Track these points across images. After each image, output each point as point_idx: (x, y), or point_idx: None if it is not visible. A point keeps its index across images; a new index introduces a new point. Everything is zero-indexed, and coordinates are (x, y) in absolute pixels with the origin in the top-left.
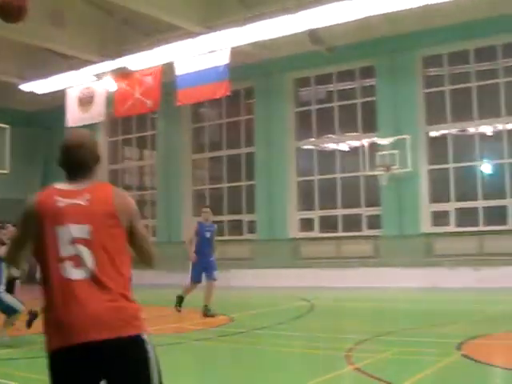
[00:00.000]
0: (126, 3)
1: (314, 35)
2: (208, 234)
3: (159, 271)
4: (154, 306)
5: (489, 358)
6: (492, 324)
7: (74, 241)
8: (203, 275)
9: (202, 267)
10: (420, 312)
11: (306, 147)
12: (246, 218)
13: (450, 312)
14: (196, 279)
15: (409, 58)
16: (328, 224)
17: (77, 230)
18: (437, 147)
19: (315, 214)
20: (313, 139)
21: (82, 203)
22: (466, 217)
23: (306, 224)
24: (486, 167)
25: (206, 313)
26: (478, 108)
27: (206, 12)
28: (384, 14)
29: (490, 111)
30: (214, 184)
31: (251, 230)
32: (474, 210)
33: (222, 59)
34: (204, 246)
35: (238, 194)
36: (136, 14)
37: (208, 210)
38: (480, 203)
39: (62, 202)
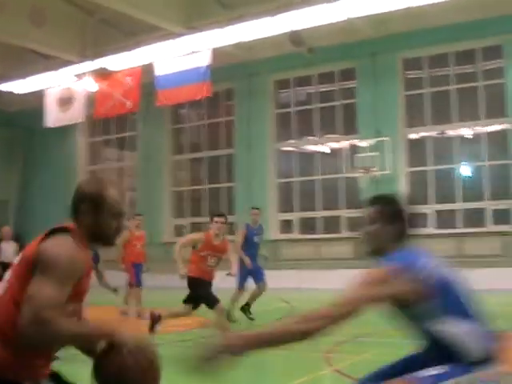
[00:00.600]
0: (107, 3)
1: (295, 37)
2: (256, 239)
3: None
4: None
5: None
6: None
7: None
8: (249, 280)
9: (248, 273)
10: None
11: (286, 149)
12: None
13: None
14: (242, 286)
15: (389, 61)
16: (308, 226)
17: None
18: (416, 149)
19: (295, 216)
20: (293, 141)
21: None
22: (445, 219)
23: (286, 226)
24: (465, 170)
25: (246, 315)
26: (457, 111)
27: (187, 13)
28: (365, 17)
29: (469, 114)
30: (194, 185)
31: (231, 232)
32: (453, 212)
33: (203, 60)
34: (251, 251)
35: (218, 196)
36: (117, 14)
37: (257, 211)
38: (459, 205)
39: None
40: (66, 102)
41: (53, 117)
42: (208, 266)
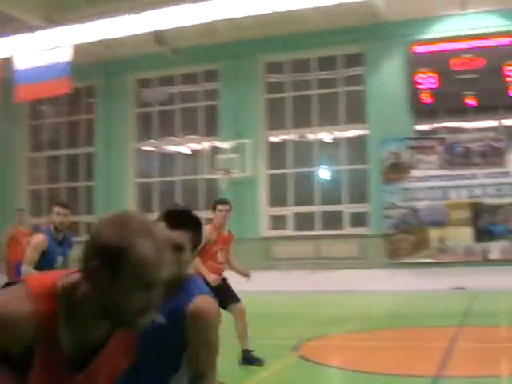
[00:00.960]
0: None
1: (158, 36)
2: None
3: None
4: None
5: (325, 359)
6: (328, 326)
7: None
8: None
9: None
10: (258, 314)
11: (146, 149)
12: (83, 219)
13: (288, 314)
14: None
15: (251, 64)
16: None
17: None
18: (277, 152)
19: (154, 217)
20: (154, 141)
21: None
22: (304, 221)
23: None
24: (324, 173)
25: None
26: (317, 115)
27: (49, 6)
28: (229, 19)
29: (329, 119)
30: (52, 184)
31: (89, 232)
32: (312, 214)
33: (64, 56)
34: None
35: (76, 195)
36: None
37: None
38: (318, 208)
39: None
40: None
41: None
42: (219, 263)
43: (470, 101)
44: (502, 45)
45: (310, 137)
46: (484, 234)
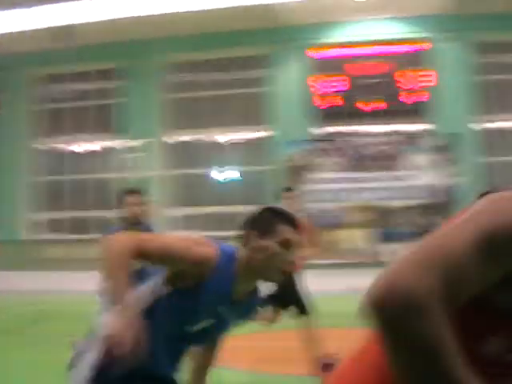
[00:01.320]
0: None
1: (53, 32)
2: None
3: None
4: None
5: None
6: None
7: None
8: None
9: None
10: None
11: (38, 147)
12: None
13: None
14: None
15: (150, 64)
16: (58, 226)
17: None
18: (173, 153)
19: (44, 216)
20: (46, 139)
21: None
22: (194, 222)
23: (35, 226)
24: (220, 175)
25: None
26: (215, 117)
27: None
28: (129, 17)
29: (226, 121)
30: None
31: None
32: (203, 216)
33: None
34: None
35: None
36: None
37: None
38: (212, 209)
39: None
40: None
41: None
42: None
43: (366, 106)
44: (397, 52)
45: (208, 138)
46: (380, 237)
